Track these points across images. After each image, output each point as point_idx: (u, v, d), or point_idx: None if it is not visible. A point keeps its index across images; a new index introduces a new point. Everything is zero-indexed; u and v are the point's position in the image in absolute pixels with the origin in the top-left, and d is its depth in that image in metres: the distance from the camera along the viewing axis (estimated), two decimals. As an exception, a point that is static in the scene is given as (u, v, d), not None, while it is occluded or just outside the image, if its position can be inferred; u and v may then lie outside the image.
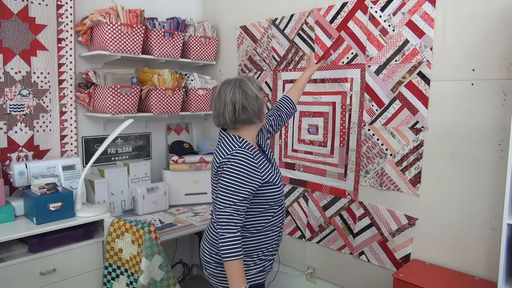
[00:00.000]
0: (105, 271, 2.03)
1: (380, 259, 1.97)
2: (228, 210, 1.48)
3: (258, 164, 1.54)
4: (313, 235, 2.29)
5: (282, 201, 1.67)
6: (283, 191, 1.67)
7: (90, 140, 2.48)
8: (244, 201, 1.49)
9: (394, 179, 1.89)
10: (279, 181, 1.63)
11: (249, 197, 1.51)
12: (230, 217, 1.48)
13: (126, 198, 2.46)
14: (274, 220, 1.63)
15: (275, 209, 1.62)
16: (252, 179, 1.50)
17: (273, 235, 1.64)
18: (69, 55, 2.31)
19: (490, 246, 1.60)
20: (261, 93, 1.63)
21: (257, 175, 1.52)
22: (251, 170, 1.50)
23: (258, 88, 1.62)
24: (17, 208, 1.98)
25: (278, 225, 1.66)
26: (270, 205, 1.59)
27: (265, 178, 1.55)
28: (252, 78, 1.64)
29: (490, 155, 1.59)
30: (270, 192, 1.57)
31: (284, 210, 1.71)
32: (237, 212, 1.48)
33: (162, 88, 2.46)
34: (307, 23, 2.22)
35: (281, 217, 1.67)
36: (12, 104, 2.12)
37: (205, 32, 2.73)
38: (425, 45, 1.75)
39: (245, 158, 1.52)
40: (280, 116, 1.89)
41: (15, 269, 1.76)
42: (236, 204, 1.48)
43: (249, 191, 1.50)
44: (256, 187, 1.52)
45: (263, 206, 1.58)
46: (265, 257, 1.64)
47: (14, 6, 2.07)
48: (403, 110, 1.84)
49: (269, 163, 1.65)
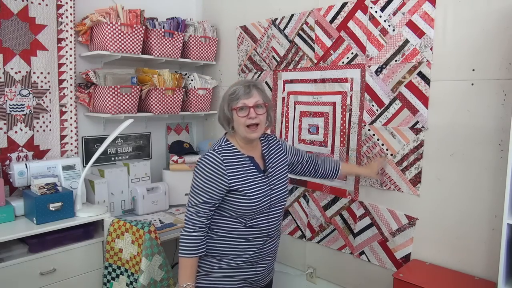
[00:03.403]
0: (105, 271, 2.03)
1: (380, 259, 1.97)
2: (191, 210, 1.51)
3: (225, 168, 1.50)
4: (313, 235, 2.29)
5: (254, 218, 1.55)
6: (259, 208, 1.53)
7: (90, 140, 2.48)
8: (206, 204, 1.49)
9: (395, 179, 1.89)
10: (255, 197, 1.52)
11: (212, 201, 1.49)
12: (191, 217, 1.51)
13: (126, 198, 2.46)
14: (245, 233, 1.55)
15: (243, 221, 1.54)
16: (214, 183, 1.48)
17: (244, 248, 1.56)
18: (69, 55, 2.31)
19: (490, 246, 1.60)
20: (236, 103, 1.51)
21: (222, 180, 1.48)
22: (214, 173, 1.48)
23: (236, 96, 1.52)
24: (17, 208, 1.97)
25: (252, 242, 1.56)
26: (238, 214, 1.53)
27: (233, 185, 1.50)
28: (237, 89, 1.53)
29: (490, 155, 1.59)
30: (237, 202, 1.51)
31: (267, 235, 1.58)
32: (198, 213, 1.49)
33: (162, 88, 2.46)
34: (307, 23, 2.22)
35: (257, 237, 1.56)
36: (12, 104, 2.12)
37: (205, 32, 2.73)
38: (425, 45, 1.75)
39: (210, 160, 1.50)
40: (315, 167, 1.83)
41: (15, 269, 1.76)
42: (198, 206, 1.49)
43: (212, 195, 1.48)
44: (221, 192, 1.49)
45: (228, 213, 1.54)
46: (236, 265, 1.56)
47: (14, 6, 2.07)
48: (403, 110, 1.84)
49: (252, 173, 1.55)
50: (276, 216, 1.63)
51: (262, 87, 1.60)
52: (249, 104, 1.52)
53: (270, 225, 1.60)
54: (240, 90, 1.53)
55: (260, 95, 1.56)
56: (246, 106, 1.52)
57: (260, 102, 1.55)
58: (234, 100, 1.53)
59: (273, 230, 1.63)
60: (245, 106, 1.52)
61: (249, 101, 1.52)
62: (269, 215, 1.60)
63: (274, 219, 1.62)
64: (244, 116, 1.52)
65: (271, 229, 1.61)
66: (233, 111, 1.54)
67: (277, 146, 1.72)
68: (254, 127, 1.54)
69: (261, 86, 1.60)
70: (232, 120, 1.56)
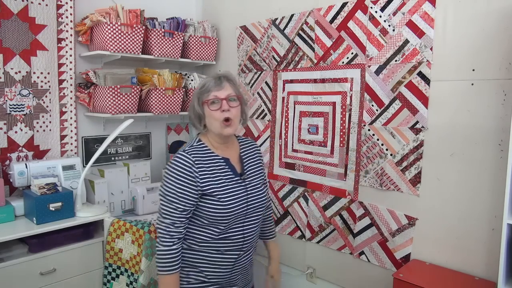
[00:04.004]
0: (105, 271, 2.03)
1: (380, 259, 1.97)
2: (166, 221, 1.37)
3: (197, 170, 1.38)
4: (313, 235, 2.28)
5: (229, 228, 1.42)
6: (233, 215, 1.41)
7: (90, 140, 2.48)
8: (182, 212, 1.37)
9: (394, 179, 1.89)
10: (229, 201, 1.40)
11: (188, 208, 1.38)
12: (168, 229, 1.37)
13: (126, 198, 2.46)
14: (218, 245, 1.42)
15: (216, 230, 1.41)
16: (187, 188, 1.36)
17: (216, 261, 1.44)
18: (69, 55, 2.31)
19: (490, 246, 1.60)
20: (207, 96, 1.41)
21: (194, 183, 1.37)
22: (185, 177, 1.36)
23: (206, 89, 1.41)
24: (17, 208, 1.98)
25: (225, 255, 1.43)
26: (211, 222, 1.40)
27: (205, 189, 1.38)
28: (207, 81, 1.43)
29: (490, 155, 1.59)
30: (210, 208, 1.39)
31: (240, 248, 1.45)
32: (175, 224, 1.36)
33: (162, 88, 2.46)
34: (307, 23, 2.22)
35: (230, 249, 1.43)
36: (12, 104, 2.12)
37: (205, 32, 2.73)
38: (425, 45, 1.74)
39: (180, 162, 1.37)
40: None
41: (15, 269, 1.77)
42: (173, 215, 1.36)
43: (186, 201, 1.36)
44: (195, 197, 1.38)
45: (200, 221, 1.42)
46: (207, 280, 1.45)
47: (14, 6, 2.07)
48: (403, 110, 1.84)
49: (226, 176, 1.44)
50: (252, 227, 1.50)
51: (234, 79, 1.50)
52: (220, 96, 1.41)
53: (246, 236, 1.47)
54: (210, 82, 1.43)
55: (232, 88, 1.46)
56: (218, 98, 1.41)
57: (232, 95, 1.43)
58: (205, 93, 1.42)
59: (248, 243, 1.49)
60: (216, 99, 1.40)
61: (220, 93, 1.41)
62: (245, 224, 1.47)
63: (250, 230, 1.49)
64: (216, 110, 1.40)
65: (246, 241, 1.48)
66: (204, 106, 1.43)
67: (256, 153, 1.63)
68: (228, 122, 1.42)
69: (233, 78, 1.50)
70: (204, 116, 1.44)
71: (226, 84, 1.44)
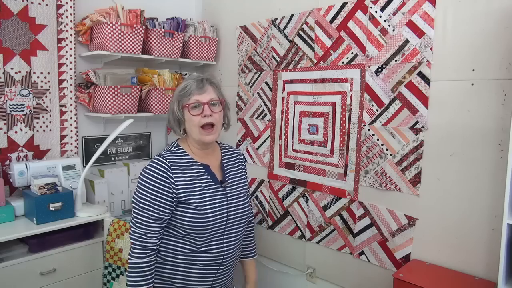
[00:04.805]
0: (105, 271, 2.03)
1: (380, 259, 1.97)
2: (138, 231, 1.28)
3: (173, 176, 1.29)
4: (313, 235, 2.29)
5: (208, 240, 1.31)
6: (212, 226, 1.31)
7: (90, 140, 2.48)
8: (156, 221, 1.27)
9: (394, 179, 1.89)
10: (208, 211, 1.30)
11: (163, 217, 1.29)
12: (140, 239, 1.27)
13: (126, 198, 2.46)
14: (195, 258, 1.33)
15: (194, 243, 1.31)
16: (161, 195, 1.27)
17: (192, 276, 1.34)
18: (69, 55, 2.31)
19: (490, 246, 1.60)
20: (188, 100, 1.33)
21: (168, 189, 1.28)
22: (160, 183, 1.28)
23: (187, 92, 1.33)
24: (17, 208, 1.98)
25: (203, 270, 1.33)
26: (187, 233, 1.31)
27: (181, 196, 1.29)
28: (188, 83, 1.34)
29: (490, 155, 1.59)
30: (185, 216, 1.29)
31: (220, 263, 1.35)
32: (148, 234, 1.27)
33: (162, 88, 2.46)
34: (307, 23, 2.22)
35: (209, 264, 1.33)
36: (12, 104, 2.12)
37: (205, 32, 2.73)
38: (425, 45, 1.74)
39: (155, 167, 1.29)
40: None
41: (15, 269, 1.77)
42: (146, 225, 1.27)
43: (160, 209, 1.27)
44: (170, 205, 1.29)
45: (177, 231, 1.33)
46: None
47: (14, 6, 2.07)
48: (403, 110, 1.84)
49: (205, 184, 1.35)
50: (233, 240, 1.39)
51: (217, 82, 1.42)
52: (202, 101, 1.32)
53: (226, 251, 1.37)
54: (192, 85, 1.34)
55: (215, 92, 1.37)
56: (200, 103, 1.32)
57: (215, 99, 1.35)
58: (186, 96, 1.34)
59: (228, 258, 1.39)
60: (198, 103, 1.32)
61: (202, 97, 1.32)
62: (225, 237, 1.36)
63: (231, 244, 1.38)
64: (198, 115, 1.31)
65: (227, 256, 1.37)
66: (184, 110, 1.34)
67: (239, 162, 1.54)
68: (209, 128, 1.34)
69: (216, 81, 1.42)
70: (184, 120, 1.35)
71: (209, 88, 1.36)
